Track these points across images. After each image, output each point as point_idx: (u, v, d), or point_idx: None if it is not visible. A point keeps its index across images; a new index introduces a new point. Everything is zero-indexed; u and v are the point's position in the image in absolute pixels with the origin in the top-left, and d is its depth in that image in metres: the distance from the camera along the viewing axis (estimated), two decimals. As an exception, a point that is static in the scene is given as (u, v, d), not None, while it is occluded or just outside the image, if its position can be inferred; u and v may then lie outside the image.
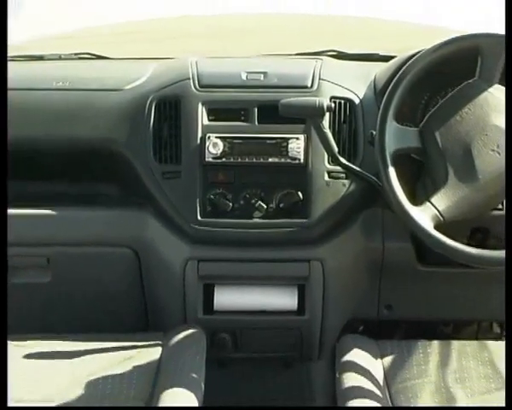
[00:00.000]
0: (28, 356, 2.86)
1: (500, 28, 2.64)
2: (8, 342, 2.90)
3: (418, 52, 2.76)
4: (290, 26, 3.91)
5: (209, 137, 2.94)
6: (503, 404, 2.75)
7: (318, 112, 2.79)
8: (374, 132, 2.72)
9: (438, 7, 4.54)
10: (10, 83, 3.06)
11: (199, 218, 2.95)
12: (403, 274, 3.04)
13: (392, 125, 2.69)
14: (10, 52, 3.35)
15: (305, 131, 2.94)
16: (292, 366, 3.13)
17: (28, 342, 2.91)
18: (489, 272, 2.88)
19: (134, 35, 3.71)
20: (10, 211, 2.98)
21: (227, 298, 3.03)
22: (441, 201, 2.67)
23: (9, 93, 3.04)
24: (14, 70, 3.20)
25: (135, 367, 2.81)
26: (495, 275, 2.91)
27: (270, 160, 2.95)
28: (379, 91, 2.96)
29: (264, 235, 2.97)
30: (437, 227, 2.65)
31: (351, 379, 2.78)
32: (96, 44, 3.37)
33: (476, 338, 3.07)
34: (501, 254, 2.69)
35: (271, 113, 2.92)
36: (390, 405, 2.76)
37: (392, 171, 2.66)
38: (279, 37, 3.69)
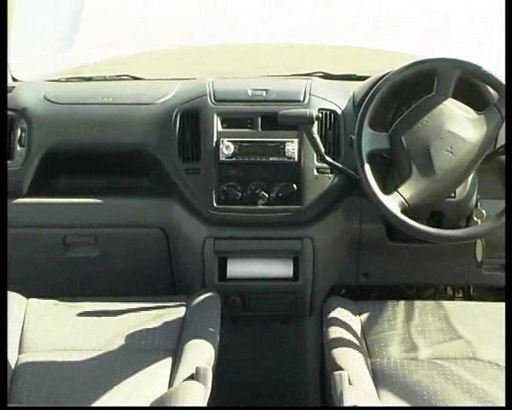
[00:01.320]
0: (80, 314, 2.87)
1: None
2: (65, 303, 2.91)
3: (387, 73, 2.78)
4: (287, 52, 3.87)
5: (222, 141, 2.93)
6: (454, 352, 2.75)
7: (309, 121, 2.80)
8: (353, 137, 2.74)
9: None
10: (66, 99, 3.07)
11: (215, 205, 2.94)
12: (376, 249, 3.03)
13: (367, 131, 2.70)
14: (66, 74, 3.34)
15: (299, 135, 2.93)
16: (289, 321, 3.12)
17: (80, 303, 2.92)
18: (444, 247, 2.90)
19: (162, 60, 3.69)
20: (65, 200, 2.99)
21: (237, 268, 3.02)
22: (406, 190, 2.69)
23: (64, 107, 3.05)
24: (69, 89, 3.20)
25: (164, 323, 2.82)
26: (448, 249, 2.92)
27: (270, 159, 2.94)
28: (357, 104, 2.95)
29: (267, 218, 2.96)
30: (403, 211, 2.67)
31: (335, 332, 2.79)
32: (132, 68, 3.35)
33: (434, 299, 3.07)
34: (453, 232, 2.74)
35: (272, 121, 2.92)
36: (366, 352, 2.75)
37: (367, 167, 2.68)
38: (278, 61, 3.66)
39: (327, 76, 3.24)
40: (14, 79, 3.23)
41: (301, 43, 3.97)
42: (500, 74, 2.73)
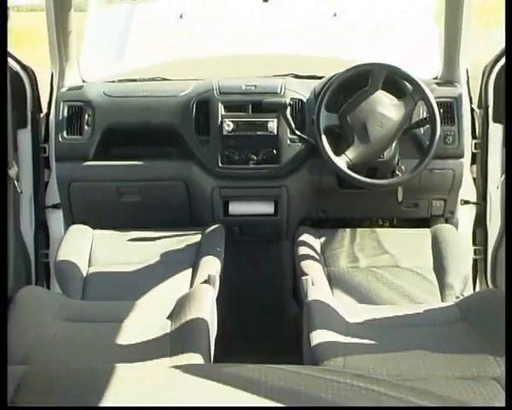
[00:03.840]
0: (129, 240, 2.89)
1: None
2: (118, 232, 2.91)
3: (336, 74, 2.79)
4: (269, 60, 3.75)
5: (225, 121, 2.90)
6: (383, 262, 2.75)
7: (284, 106, 2.82)
8: (314, 117, 2.76)
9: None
10: (118, 93, 3.07)
11: (220, 165, 2.93)
12: (330, 194, 3.01)
13: (323, 113, 2.72)
14: (118, 77, 3.30)
15: (277, 117, 2.90)
16: (271, 243, 3.10)
17: (129, 232, 2.93)
18: (376, 191, 2.90)
19: (183, 67, 3.60)
20: (118, 163, 2.99)
21: (236, 208, 3.00)
22: (350, 153, 2.71)
23: (117, 99, 3.05)
24: (120, 87, 3.17)
25: (186, 245, 2.84)
26: (379, 193, 2.92)
27: (258, 133, 2.91)
28: (316, 95, 2.92)
29: (255, 173, 2.94)
30: (348, 168, 2.70)
31: (302, 250, 2.81)
32: (162, 72, 3.29)
33: (369, 227, 3.05)
34: (382, 181, 2.79)
35: (259, 107, 2.90)
36: (324, 263, 2.75)
37: (323, 138, 2.70)
38: (263, 67, 3.57)
39: (296, 76, 3.20)
40: (83, 81, 3.19)
41: (279, 53, 3.78)
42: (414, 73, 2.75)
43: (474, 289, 3.06)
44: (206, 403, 1.56)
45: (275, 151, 2.93)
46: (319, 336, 2.07)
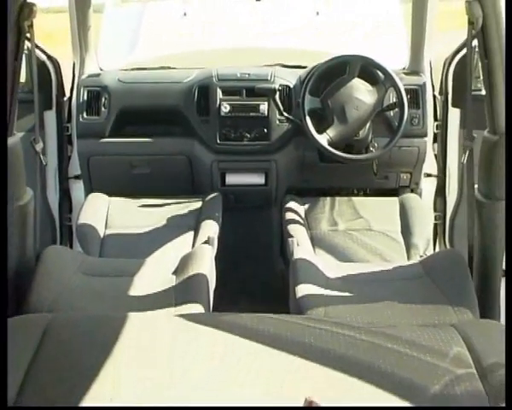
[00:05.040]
0: (140, 206, 2.84)
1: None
2: (131, 200, 2.87)
3: (318, 64, 2.76)
4: (261, 53, 3.67)
5: (223, 104, 2.85)
6: (358, 226, 2.73)
7: (273, 92, 2.80)
8: (299, 101, 2.71)
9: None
10: (131, 80, 3.04)
11: (218, 141, 2.88)
12: (313, 167, 2.97)
13: (307, 97, 2.68)
14: (131, 66, 3.25)
15: (268, 100, 2.85)
16: (263, 209, 3.04)
17: (140, 199, 2.88)
18: (353, 165, 2.85)
19: (187, 57, 3.53)
20: (131, 140, 2.96)
21: (232, 178, 2.95)
22: (331, 132, 2.67)
23: (130, 85, 3.00)
24: (132, 74, 3.12)
25: (188, 211, 2.80)
26: (355, 166, 2.87)
27: (251, 114, 2.86)
28: (301, 82, 2.86)
29: (249, 149, 2.90)
30: (329, 145, 2.66)
31: (289, 215, 2.77)
32: (169, 62, 3.23)
33: (346, 196, 3.01)
34: (358, 156, 2.75)
35: (252, 92, 2.85)
36: (307, 226, 2.72)
37: (308, 118, 2.67)
38: (255, 57, 3.49)
39: (284, 66, 3.14)
40: (101, 69, 3.14)
41: (270, 47, 3.67)
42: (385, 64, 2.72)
43: (435, 249, 3.06)
44: (205, 346, 1.56)
45: (265, 130, 2.88)
46: (303, 290, 2.05)
